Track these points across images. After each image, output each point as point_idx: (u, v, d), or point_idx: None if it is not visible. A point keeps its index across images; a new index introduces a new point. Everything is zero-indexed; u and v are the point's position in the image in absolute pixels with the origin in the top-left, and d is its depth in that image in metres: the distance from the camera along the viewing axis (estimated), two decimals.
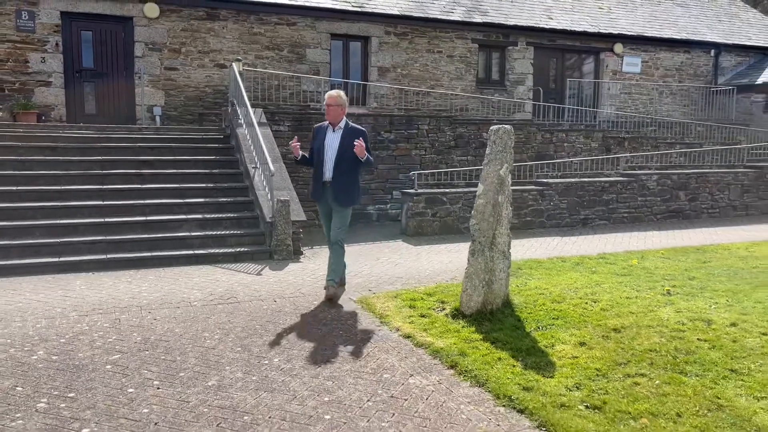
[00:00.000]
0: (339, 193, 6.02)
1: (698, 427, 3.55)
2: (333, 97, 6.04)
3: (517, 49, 17.37)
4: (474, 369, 4.38)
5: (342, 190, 6.02)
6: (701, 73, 19.62)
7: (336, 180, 5.99)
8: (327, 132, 6.08)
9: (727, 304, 6.02)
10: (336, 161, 5.97)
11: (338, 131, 6.04)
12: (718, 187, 12.84)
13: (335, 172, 5.98)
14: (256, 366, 4.50)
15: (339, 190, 6.01)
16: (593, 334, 5.10)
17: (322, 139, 6.05)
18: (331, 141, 6.02)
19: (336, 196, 6.03)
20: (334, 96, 6.06)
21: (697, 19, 20.95)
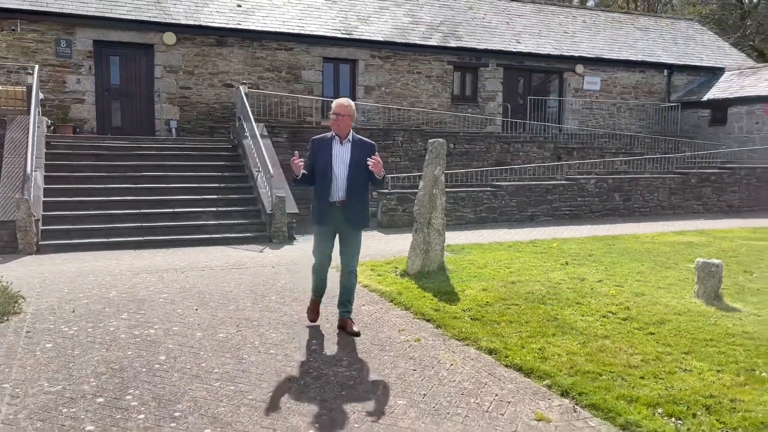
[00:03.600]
0: (353, 214, 5.28)
1: (536, 327, 5.75)
2: (343, 106, 5.21)
3: (488, 70, 19.67)
4: (405, 301, 6.60)
5: (357, 210, 5.30)
6: (655, 91, 21.92)
7: (350, 199, 5.22)
8: (333, 145, 5.24)
9: (605, 270, 8.25)
10: (349, 178, 5.18)
11: (347, 144, 5.24)
12: (649, 189, 15.11)
13: (348, 191, 5.20)
14: (260, 300, 6.71)
15: (353, 211, 5.27)
16: (495, 284, 7.31)
17: (328, 154, 5.21)
18: (341, 155, 5.21)
19: (350, 219, 5.29)
20: (344, 105, 5.22)
21: (654, 42, 23.29)
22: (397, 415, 3.98)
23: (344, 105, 5.26)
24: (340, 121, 5.25)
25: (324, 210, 5.32)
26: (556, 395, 4.30)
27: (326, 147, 5.30)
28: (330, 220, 5.34)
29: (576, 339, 5.40)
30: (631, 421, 3.85)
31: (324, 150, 5.29)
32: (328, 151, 5.27)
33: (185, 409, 3.98)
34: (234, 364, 4.79)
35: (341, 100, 5.31)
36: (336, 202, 5.28)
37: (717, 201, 16.00)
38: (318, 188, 5.34)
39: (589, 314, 6.19)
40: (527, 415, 3.99)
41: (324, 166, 5.25)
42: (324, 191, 5.28)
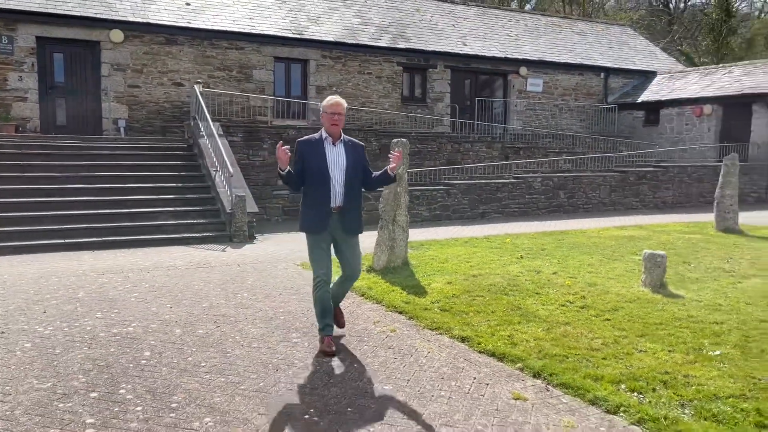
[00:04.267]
0: (352, 220, 5.04)
1: (502, 316, 6.10)
2: (340, 104, 4.90)
3: (436, 71, 20.14)
4: (376, 295, 6.85)
5: (355, 216, 5.06)
6: (594, 93, 22.94)
7: (348, 205, 4.95)
8: (326, 147, 4.87)
9: (557, 263, 8.72)
10: (346, 182, 4.89)
11: (340, 145, 4.92)
12: (591, 187, 15.90)
13: (347, 197, 4.93)
14: (233, 297, 6.82)
15: (352, 217, 5.02)
16: (458, 278, 7.65)
17: (322, 156, 4.83)
18: (336, 158, 4.87)
19: (349, 225, 5.02)
20: (341, 103, 4.91)
21: (591, 46, 24.35)
22: (386, 399, 4.22)
23: (342, 103, 4.91)
24: (337, 120, 4.89)
25: (320, 218, 4.90)
26: (529, 377, 4.64)
27: (317, 149, 4.87)
28: (326, 229, 4.93)
29: (540, 326, 5.78)
30: (599, 397, 4.21)
31: (315, 153, 4.85)
32: (321, 153, 4.85)
33: (181, 401, 4.11)
34: (220, 358, 4.93)
35: (338, 99, 4.93)
36: (333, 208, 4.90)
37: (653, 197, 16.96)
38: (312, 194, 4.89)
39: (549, 303, 6.59)
40: (505, 395, 4.31)
41: (318, 170, 4.82)
42: (320, 198, 4.85)
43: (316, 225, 4.96)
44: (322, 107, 4.96)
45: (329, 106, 4.91)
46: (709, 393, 4.27)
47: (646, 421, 3.87)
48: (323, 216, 4.92)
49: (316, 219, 4.95)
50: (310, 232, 5.01)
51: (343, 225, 5.01)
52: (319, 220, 4.93)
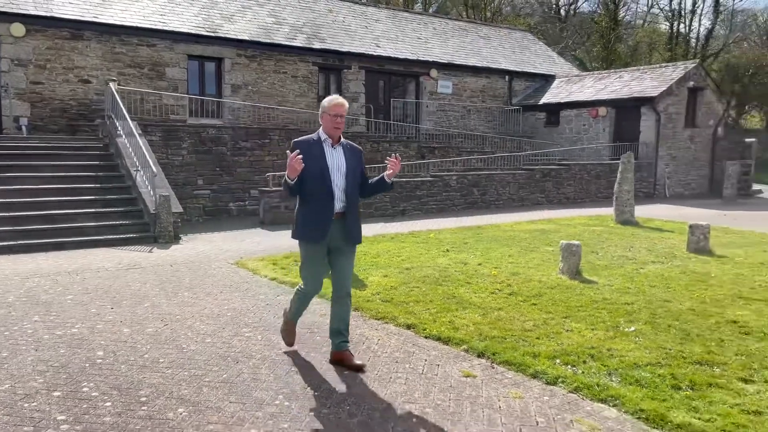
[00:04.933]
0: (354, 228, 4.72)
1: (440, 304, 6.50)
2: (344, 106, 4.60)
3: (351, 72, 20.45)
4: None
5: (356, 223, 4.75)
6: (499, 95, 24.08)
7: (349, 211, 4.65)
8: (325, 149, 4.58)
9: (481, 255, 9.28)
10: (348, 188, 4.61)
11: (338, 148, 4.63)
12: (502, 184, 16.81)
13: (348, 202, 4.63)
14: (174, 297, 6.82)
15: (354, 223, 4.70)
16: (393, 271, 8.01)
17: (322, 160, 4.54)
18: (336, 161, 4.59)
19: (350, 233, 4.69)
20: (345, 104, 4.62)
21: (495, 50, 25.54)
22: (348, 383, 4.49)
23: (346, 105, 4.62)
24: (339, 122, 4.58)
25: (321, 226, 4.53)
26: (474, 357, 5.06)
27: (317, 152, 4.54)
28: (326, 238, 4.58)
29: (476, 312, 6.23)
30: (539, 371, 4.69)
31: (315, 155, 4.52)
32: (321, 156, 4.54)
33: (149, 394, 4.18)
34: (177, 354, 5.00)
35: (341, 99, 4.61)
36: (335, 214, 4.58)
37: (557, 193, 18.13)
38: (311, 200, 4.54)
39: (480, 292, 7.08)
40: (456, 374, 4.69)
41: (319, 174, 4.50)
42: (321, 203, 4.52)
43: (316, 233, 4.56)
44: (324, 108, 4.59)
45: (332, 107, 4.54)
46: (631, 363, 4.85)
47: (582, 389, 4.37)
48: (325, 223, 4.53)
49: (316, 227, 4.54)
50: (309, 240, 4.62)
51: (344, 233, 4.65)
52: (319, 227, 4.54)
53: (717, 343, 5.35)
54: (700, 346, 5.24)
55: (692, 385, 4.42)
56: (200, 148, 14.34)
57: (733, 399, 4.20)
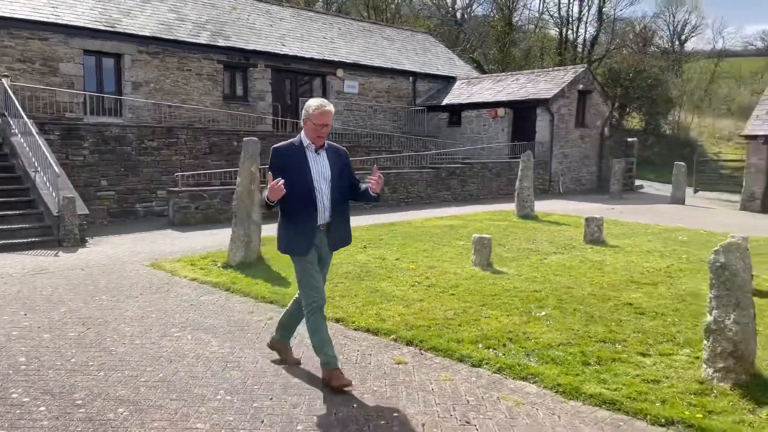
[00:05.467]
0: (341, 236, 4.54)
1: (365, 298, 6.73)
2: (330, 114, 4.30)
3: (257, 70, 20.27)
4: (242, 289, 7.09)
5: (345, 231, 4.55)
6: (404, 95, 24.66)
7: (336, 221, 4.43)
8: (308, 155, 4.31)
9: (397, 250, 9.61)
10: (333, 195, 4.36)
11: (323, 153, 4.36)
12: (410, 182, 17.31)
13: (335, 211, 4.40)
14: (91, 300, 6.62)
15: (341, 232, 4.52)
16: None
17: (305, 167, 4.29)
18: (321, 168, 4.33)
19: (337, 241, 4.53)
20: (332, 112, 4.33)
21: (399, 52, 26.13)
22: (287, 376, 4.62)
23: (332, 113, 4.33)
24: (324, 130, 4.28)
25: (306, 237, 4.31)
26: (403, 345, 5.33)
27: (299, 158, 4.29)
28: (312, 248, 4.35)
29: (400, 304, 6.52)
30: (464, 355, 5.03)
31: (297, 163, 4.28)
32: (304, 163, 4.29)
33: (85, 397, 4.13)
34: (107, 356, 4.92)
35: (329, 108, 4.29)
36: (321, 225, 4.36)
37: (462, 191, 18.89)
38: (294, 211, 4.29)
39: (401, 285, 7.38)
40: (388, 361, 4.94)
41: (302, 184, 4.23)
42: (304, 214, 4.29)
43: (301, 245, 4.33)
44: (308, 114, 4.27)
45: (318, 116, 4.23)
46: (545, 344, 5.30)
47: (505, 369, 4.75)
48: (309, 234, 4.31)
49: (300, 238, 4.32)
50: (295, 253, 4.38)
51: (330, 241, 4.46)
52: (304, 239, 4.31)
53: (617, 323, 5.93)
54: (602, 327, 5.78)
55: (599, 361, 4.91)
56: (103, 147, 13.76)
57: (634, 371, 4.71)
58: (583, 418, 3.97)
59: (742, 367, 4.40)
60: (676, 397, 4.21)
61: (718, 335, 4.47)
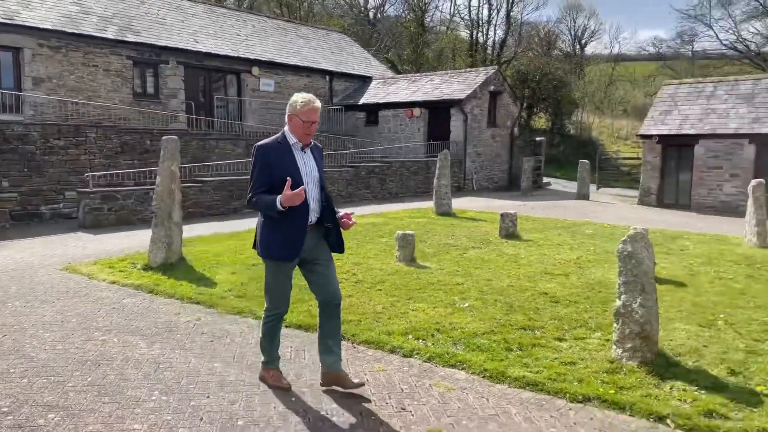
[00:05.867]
0: (335, 235, 4.32)
1: (294, 295, 6.72)
2: (318, 110, 4.13)
3: (169, 67, 19.67)
4: (165, 291, 6.96)
5: (338, 230, 4.33)
6: (321, 94, 24.63)
7: (326, 221, 4.25)
8: (295, 154, 4.11)
9: None
10: (321, 196, 4.23)
11: (308, 152, 4.20)
12: (330, 181, 17.38)
13: (323, 211, 4.24)
14: (2, 307, 6.29)
15: (332, 232, 4.30)
16: (240, 268, 8.10)
17: (293, 166, 4.07)
18: (309, 168, 4.15)
19: (332, 241, 4.33)
20: (319, 108, 4.15)
21: (315, 51, 26.09)
22: (222, 374, 4.62)
23: (318, 105, 4.12)
24: (314, 129, 4.12)
25: (295, 242, 4.07)
26: None
27: (286, 156, 4.07)
28: (298, 251, 4.12)
29: None
30: (396, 346, 5.21)
31: (284, 160, 4.05)
32: (291, 161, 4.06)
33: (11, 405, 3.98)
34: (28, 363, 4.73)
35: (316, 103, 4.11)
36: (309, 225, 4.14)
37: (381, 189, 19.15)
38: (284, 213, 3.97)
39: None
40: None
41: (292, 185, 3.94)
42: (295, 217, 4.02)
43: (290, 251, 4.10)
44: (294, 109, 4.07)
45: (306, 112, 4.04)
46: (470, 333, 5.57)
47: (435, 358, 4.97)
48: (299, 240, 4.08)
49: (289, 244, 4.07)
50: (281, 259, 4.14)
51: (320, 243, 4.27)
52: (292, 244, 4.08)
53: (534, 311, 6.30)
54: (522, 315, 6.14)
55: (521, 347, 5.23)
56: (4, 146, 12.95)
57: (552, 354, 5.05)
58: (509, 400, 4.24)
59: (648, 346, 4.82)
60: (591, 376, 4.57)
61: (626, 318, 4.87)
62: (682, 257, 9.46)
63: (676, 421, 3.86)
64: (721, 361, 4.89)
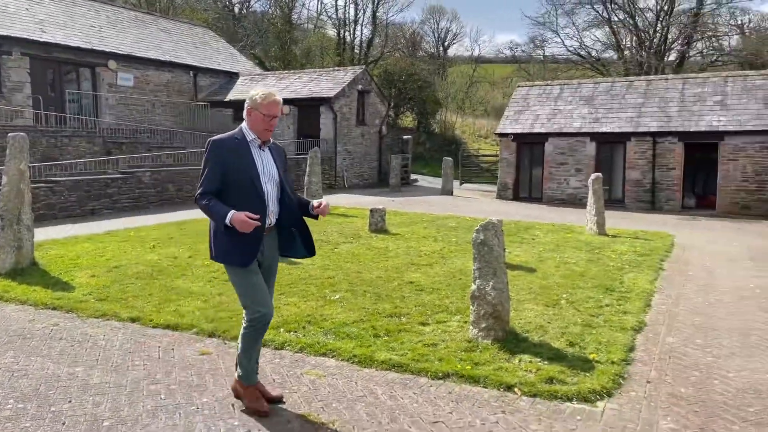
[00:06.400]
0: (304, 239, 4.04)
1: (161, 296, 6.63)
2: (280, 104, 3.87)
3: (12, 59, 18.15)
4: (17, 297, 6.53)
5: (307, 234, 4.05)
6: (185, 90, 23.86)
7: (288, 222, 3.97)
8: (253, 151, 3.83)
9: (189, 248, 9.48)
10: (280, 196, 3.93)
11: (266, 150, 3.91)
12: (197, 179, 16.89)
13: (282, 212, 3.94)
14: None
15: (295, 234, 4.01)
16: (101, 271, 7.76)
17: (251, 165, 3.79)
18: (266, 167, 3.86)
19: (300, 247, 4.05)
20: (281, 102, 3.89)
21: (178, 45, 25.18)
22: (82, 377, 4.48)
23: (279, 99, 3.85)
24: (275, 125, 3.86)
25: (253, 244, 3.75)
26: (206, 337, 5.44)
27: (243, 154, 3.78)
28: (255, 255, 3.80)
29: (198, 299, 6.56)
30: (267, 340, 5.27)
31: (240, 158, 3.76)
32: (248, 160, 3.78)
33: None
34: None
35: (277, 96, 3.84)
36: (268, 228, 3.85)
37: None
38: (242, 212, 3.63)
39: (197, 281, 7.39)
40: (193, 354, 5.03)
41: (249, 184, 3.73)
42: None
43: (244, 255, 3.76)
44: (254, 103, 3.80)
45: (267, 106, 3.78)
46: (340, 322, 5.79)
47: (306, 348, 5.13)
48: (254, 242, 3.75)
49: (244, 247, 3.74)
50: (236, 264, 3.79)
51: (277, 248, 4.02)
52: (248, 248, 3.75)
53: (401, 299, 6.65)
54: (389, 304, 6.45)
55: (388, 333, 5.52)
56: None
57: (416, 338, 5.39)
58: (376, 381, 4.49)
59: (500, 325, 5.30)
60: (451, 355, 4.95)
61: (480, 300, 5.32)
62: (533, 245, 10.32)
63: (522, 389, 4.31)
64: (562, 334, 5.49)
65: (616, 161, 19.16)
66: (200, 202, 3.75)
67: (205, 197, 3.72)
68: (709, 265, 9.21)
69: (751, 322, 6.13)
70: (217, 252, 3.86)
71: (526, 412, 4.01)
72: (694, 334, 5.72)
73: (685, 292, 7.42)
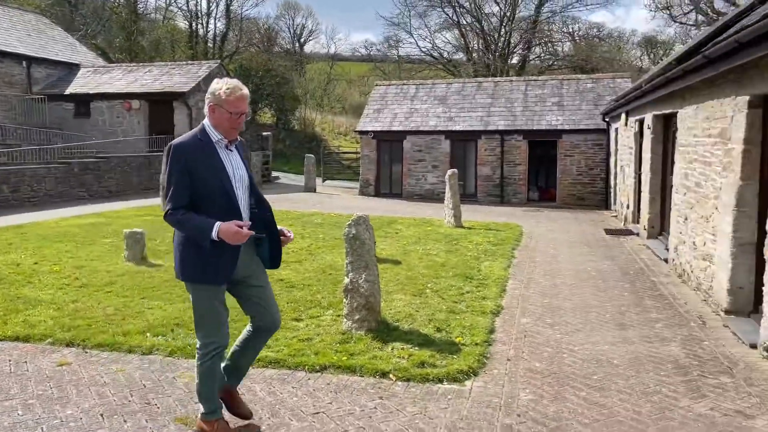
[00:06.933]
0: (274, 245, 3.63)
1: (6, 306, 6.06)
2: (247, 95, 3.45)
3: None
4: None
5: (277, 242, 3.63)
6: (17, 82, 21.74)
7: (259, 230, 3.55)
8: (220, 153, 3.42)
9: (33, 254, 8.73)
10: (249, 200, 3.57)
11: (232, 149, 3.50)
12: (36, 179, 15.53)
13: (255, 218, 3.56)
14: None
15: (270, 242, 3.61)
16: None
17: (220, 169, 3.38)
18: (235, 169, 3.46)
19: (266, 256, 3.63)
20: (248, 97, 3.47)
21: (8, 33, 22.86)
22: None
23: (247, 93, 3.43)
24: (242, 122, 3.45)
25: (228, 259, 3.36)
26: (63, 347, 5.08)
27: (210, 158, 3.36)
28: (233, 270, 3.41)
29: (50, 308, 6.10)
30: (134, 345, 5.08)
31: (209, 162, 3.34)
32: (217, 164, 3.36)
33: None
34: None
35: (244, 90, 3.42)
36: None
37: (99, 187, 17.66)
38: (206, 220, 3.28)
39: (47, 288, 6.85)
40: (50, 365, 4.68)
41: (220, 191, 3.34)
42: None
43: (217, 272, 3.37)
44: (217, 98, 3.37)
45: (233, 102, 3.36)
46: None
47: (176, 352, 4.98)
48: (230, 257, 3.36)
49: (217, 262, 3.34)
50: (208, 282, 3.38)
51: (252, 257, 3.56)
52: (222, 263, 3.35)
53: None
54: None
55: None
56: None
57: (291, 334, 5.43)
58: (254, 379, 4.48)
59: (372, 316, 5.49)
60: (327, 348, 5.05)
61: (353, 293, 5.47)
62: (397, 239, 10.70)
63: (396, 374, 4.52)
64: (430, 321, 5.79)
65: (469, 158, 20.29)
66: (173, 218, 3.28)
67: (177, 212, 3.27)
68: (553, 251, 10.11)
69: (590, 301, 6.85)
70: (189, 270, 3.40)
71: (402, 396, 4.21)
72: (544, 315, 6.29)
73: (534, 276, 8.10)
